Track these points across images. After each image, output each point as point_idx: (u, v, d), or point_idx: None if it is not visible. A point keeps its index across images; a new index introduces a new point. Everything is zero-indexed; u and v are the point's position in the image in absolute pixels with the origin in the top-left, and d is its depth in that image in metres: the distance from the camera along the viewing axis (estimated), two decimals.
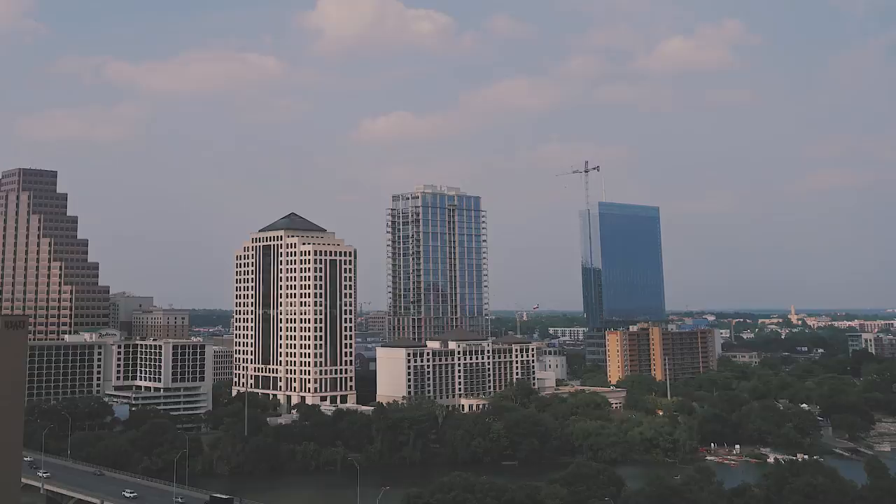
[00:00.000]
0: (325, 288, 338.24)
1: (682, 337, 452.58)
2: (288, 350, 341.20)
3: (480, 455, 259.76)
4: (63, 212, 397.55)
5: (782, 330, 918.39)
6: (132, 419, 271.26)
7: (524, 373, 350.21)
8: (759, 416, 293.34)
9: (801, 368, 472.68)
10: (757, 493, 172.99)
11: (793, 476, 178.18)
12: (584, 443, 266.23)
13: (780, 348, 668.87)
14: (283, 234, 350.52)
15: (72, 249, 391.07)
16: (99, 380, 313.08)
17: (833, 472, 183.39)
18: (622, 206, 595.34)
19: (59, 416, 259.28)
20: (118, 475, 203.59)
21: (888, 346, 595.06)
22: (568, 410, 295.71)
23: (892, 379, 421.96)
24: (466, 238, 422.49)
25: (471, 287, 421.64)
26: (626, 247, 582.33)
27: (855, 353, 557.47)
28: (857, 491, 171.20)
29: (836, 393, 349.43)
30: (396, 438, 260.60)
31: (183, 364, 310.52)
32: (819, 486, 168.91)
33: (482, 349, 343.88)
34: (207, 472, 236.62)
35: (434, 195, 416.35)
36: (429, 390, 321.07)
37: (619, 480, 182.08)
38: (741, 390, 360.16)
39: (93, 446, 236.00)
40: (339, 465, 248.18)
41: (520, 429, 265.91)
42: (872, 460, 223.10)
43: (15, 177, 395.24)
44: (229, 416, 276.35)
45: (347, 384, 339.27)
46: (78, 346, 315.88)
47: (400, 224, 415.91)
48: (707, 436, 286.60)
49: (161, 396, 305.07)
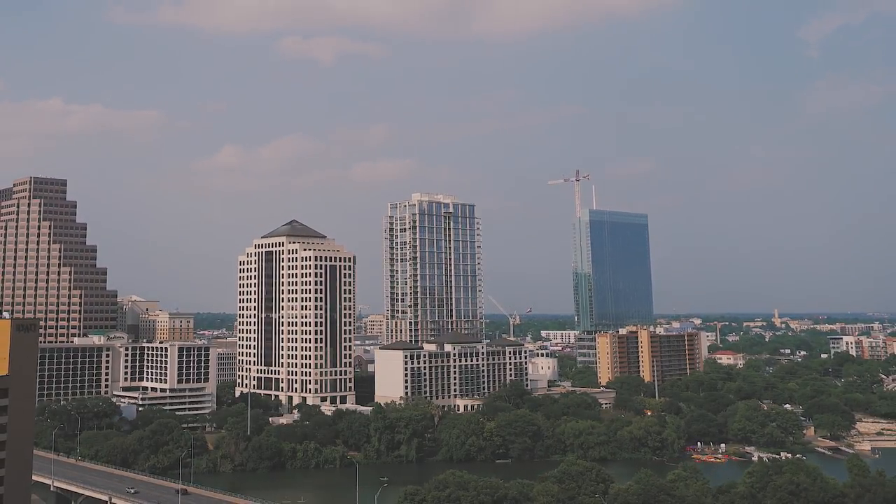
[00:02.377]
0: (325, 292, 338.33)
1: (670, 340, 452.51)
2: (289, 352, 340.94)
3: (475, 453, 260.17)
4: (72, 219, 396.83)
5: (766, 333, 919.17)
6: (139, 419, 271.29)
7: (517, 374, 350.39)
8: (743, 416, 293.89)
9: (784, 370, 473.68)
10: (742, 490, 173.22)
11: (776, 474, 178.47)
12: (574, 442, 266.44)
13: (764, 351, 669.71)
14: (284, 240, 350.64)
15: (81, 255, 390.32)
16: (107, 381, 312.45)
17: (815, 469, 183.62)
18: (612, 214, 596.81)
19: (68, 416, 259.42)
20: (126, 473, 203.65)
21: (868, 348, 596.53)
22: (559, 410, 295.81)
23: (872, 380, 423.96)
24: (461, 244, 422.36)
25: (466, 291, 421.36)
26: (615, 253, 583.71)
27: (836, 356, 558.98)
28: (838, 488, 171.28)
29: (818, 394, 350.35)
30: (394, 437, 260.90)
31: (188, 366, 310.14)
32: (801, 484, 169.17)
33: (477, 351, 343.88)
34: (212, 470, 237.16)
35: (430, 203, 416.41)
36: (425, 391, 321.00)
37: (608, 478, 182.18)
38: (727, 391, 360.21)
39: (101, 445, 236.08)
40: (338, 463, 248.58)
41: (513, 428, 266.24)
42: (853, 458, 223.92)
43: (26, 185, 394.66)
44: (233, 416, 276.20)
45: (347, 385, 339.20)
46: (87, 349, 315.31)
47: (397, 231, 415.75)
48: (694, 435, 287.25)
49: (167, 397, 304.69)
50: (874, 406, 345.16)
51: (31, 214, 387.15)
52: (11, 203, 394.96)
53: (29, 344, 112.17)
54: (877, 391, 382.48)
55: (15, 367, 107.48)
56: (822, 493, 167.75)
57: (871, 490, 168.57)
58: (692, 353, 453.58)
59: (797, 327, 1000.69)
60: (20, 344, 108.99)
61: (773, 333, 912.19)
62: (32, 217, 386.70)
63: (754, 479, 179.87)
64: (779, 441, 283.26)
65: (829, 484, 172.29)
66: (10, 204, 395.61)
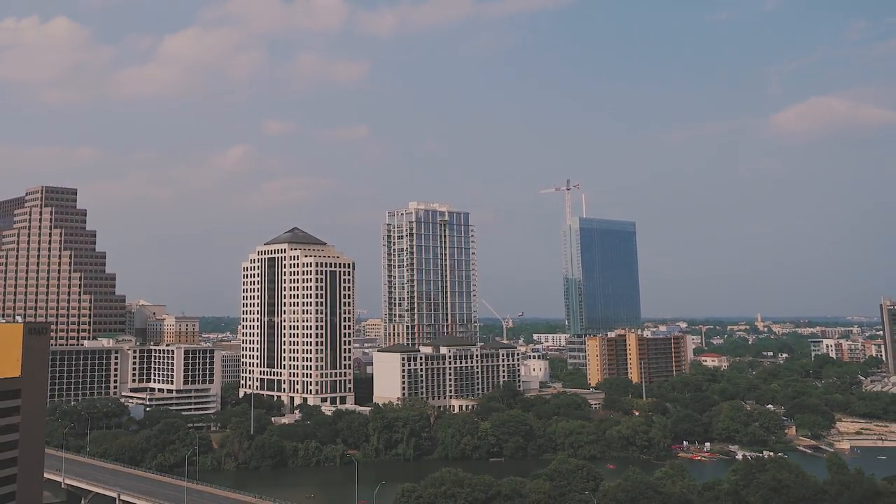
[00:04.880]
0: (325, 297, 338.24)
1: (657, 343, 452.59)
2: (291, 354, 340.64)
3: (469, 452, 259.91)
4: (82, 226, 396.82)
5: (750, 336, 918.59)
6: (147, 419, 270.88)
7: (510, 376, 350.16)
8: (727, 416, 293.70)
9: (766, 372, 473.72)
10: (726, 487, 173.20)
11: (759, 471, 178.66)
12: (565, 441, 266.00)
13: (747, 353, 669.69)
14: (286, 247, 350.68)
15: (91, 261, 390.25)
16: (116, 382, 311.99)
17: (796, 467, 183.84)
18: (601, 222, 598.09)
19: (78, 416, 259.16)
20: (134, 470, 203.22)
21: (847, 351, 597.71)
22: (550, 411, 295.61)
23: (851, 381, 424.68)
24: (456, 251, 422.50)
25: (461, 296, 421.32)
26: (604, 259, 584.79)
27: (817, 358, 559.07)
28: (818, 485, 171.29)
29: (799, 394, 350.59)
30: (392, 436, 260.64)
31: (194, 367, 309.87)
32: (783, 481, 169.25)
33: (471, 354, 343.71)
34: (216, 468, 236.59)
35: (427, 211, 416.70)
36: (422, 392, 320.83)
37: (597, 476, 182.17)
38: (711, 392, 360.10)
39: (110, 444, 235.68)
40: (338, 461, 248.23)
41: (506, 428, 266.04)
42: (833, 457, 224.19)
43: (38, 194, 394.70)
44: (237, 416, 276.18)
45: (346, 386, 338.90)
46: (96, 351, 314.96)
47: (395, 238, 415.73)
48: (680, 434, 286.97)
49: (173, 397, 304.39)
50: (853, 406, 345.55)
51: (42, 222, 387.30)
52: (24, 211, 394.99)
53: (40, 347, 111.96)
54: (856, 392, 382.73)
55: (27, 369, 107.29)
56: (803, 489, 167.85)
57: (850, 487, 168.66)
58: (678, 356, 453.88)
59: (779, 331, 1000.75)
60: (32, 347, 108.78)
61: (756, 337, 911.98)
62: (44, 225, 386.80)
63: (738, 477, 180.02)
64: (761, 440, 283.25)
65: (810, 481, 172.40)
66: (22, 212, 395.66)
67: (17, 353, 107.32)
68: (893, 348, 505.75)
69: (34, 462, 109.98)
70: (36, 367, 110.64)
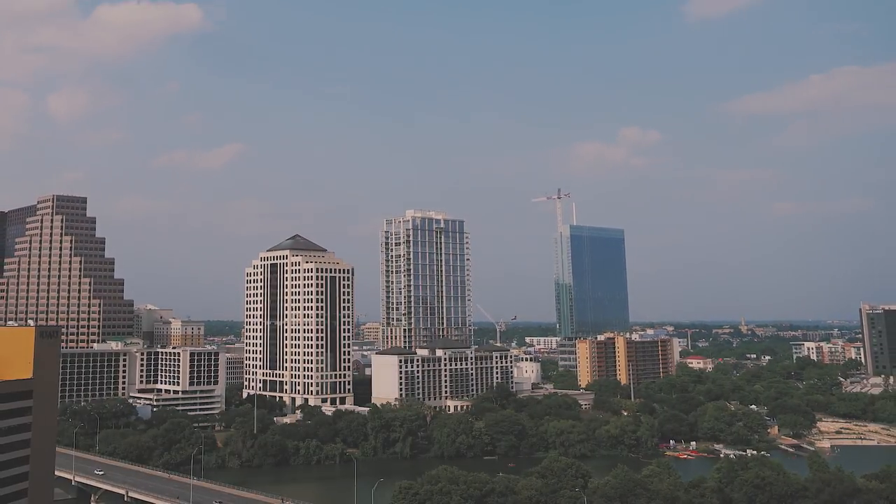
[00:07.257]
0: (325, 302, 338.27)
1: (645, 345, 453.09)
2: (293, 357, 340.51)
3: (464, 451, 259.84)
4: (92, 234, 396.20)
5: (734, 339, 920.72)
6: (154, 418, 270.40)
7: (503, 377, 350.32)
8: (712, 416, 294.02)
9: (750, 373, 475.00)
10: (711, 484, 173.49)
11: (743, 469, 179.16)
12: (556, 440, 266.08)
13: (731, 355, 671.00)
14: (288, 253, 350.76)
15: (100, 267, 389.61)
16: (124, 383, 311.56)
17: (778, 465, 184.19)
18: (591, 229, 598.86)
19: (88, 416, 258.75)
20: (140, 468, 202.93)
21: (828, 353, 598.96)
22: (542, 411, 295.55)
23: (831, 383, 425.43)
24: (452, 257, 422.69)
25: (456, 301, 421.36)
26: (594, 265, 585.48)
27: (798, 360, 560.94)
28: (800, 483, 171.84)
29: (782, 395, 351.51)
30: (389, 436, 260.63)
31: (199, 369, 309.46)
32: (766, 479, 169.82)
33: (466, 356, 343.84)
34: (221, 466, 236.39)
35: (423, 219, 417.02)
36: (418, 393, 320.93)
37: (587, 473, 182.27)
38: (697, 393, 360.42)
39: (118, 443, 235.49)
40: (338, 459, 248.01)
41: (499, 427, 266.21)
42: (814, 455, 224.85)
43: (49, 202, 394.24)
44: (240, 416, 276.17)
45: (346, 387, 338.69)
46: (105, 354, 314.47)
47: (392, 244, 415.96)
48: (667, 433, 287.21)
49: (180, 398, 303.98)
50: (833, 407, 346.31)
51: (53, 229, 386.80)
52: (35, 219, 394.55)
53: (51, 349, 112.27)
54: (836, 393, 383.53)
55: (38, 371, 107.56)
56: (785, 487, 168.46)
57: (831, 484, 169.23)
58: (665, 358, 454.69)
59: (762, 334, 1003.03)
60: (43, 349, 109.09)
61: (740, 340, 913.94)
62: (55, 232, 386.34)
63: (722, 475, 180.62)
64: (745, 439, 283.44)
65: (792, 479, 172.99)
66: (34, 220, 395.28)
67: (30, 356, 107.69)
68: (872, 351, 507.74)
69: (45, 460, 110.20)
70: (47, 369, 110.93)
